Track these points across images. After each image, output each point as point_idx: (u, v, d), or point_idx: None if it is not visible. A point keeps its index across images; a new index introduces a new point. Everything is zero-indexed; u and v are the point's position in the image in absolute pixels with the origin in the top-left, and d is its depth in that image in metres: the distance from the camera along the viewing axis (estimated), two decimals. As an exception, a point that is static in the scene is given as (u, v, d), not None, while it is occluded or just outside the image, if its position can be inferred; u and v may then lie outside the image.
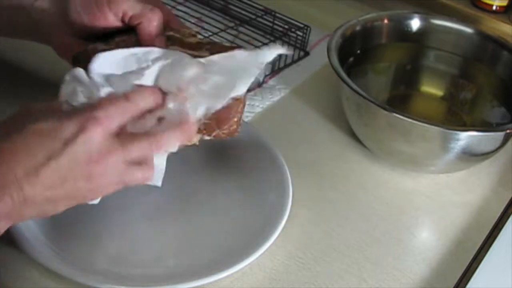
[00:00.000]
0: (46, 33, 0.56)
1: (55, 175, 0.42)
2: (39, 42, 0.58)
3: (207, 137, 0.51)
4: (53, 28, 0.55)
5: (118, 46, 0.52)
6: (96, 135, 0.43)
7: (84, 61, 0.50)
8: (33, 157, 0.41)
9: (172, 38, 0.53)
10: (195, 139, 0.51)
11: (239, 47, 0.52)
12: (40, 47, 0.59)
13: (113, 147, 0.43)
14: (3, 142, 0.42)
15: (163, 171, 0.50)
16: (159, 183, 0.50)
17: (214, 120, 0.50)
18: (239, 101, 0.50)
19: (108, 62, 0.48)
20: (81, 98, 0.46)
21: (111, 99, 0.45)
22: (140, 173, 0.46)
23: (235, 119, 0.51)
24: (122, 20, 0.53)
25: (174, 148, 0.47)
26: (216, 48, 0.52)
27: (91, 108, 0.44)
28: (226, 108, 0.49)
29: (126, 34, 0.53)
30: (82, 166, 0.42)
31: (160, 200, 0.59)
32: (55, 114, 0.44)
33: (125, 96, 0.45)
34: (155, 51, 0.49)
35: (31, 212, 0.43)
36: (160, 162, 0.49)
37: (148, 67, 0.48)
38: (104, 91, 0.47)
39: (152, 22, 0.52)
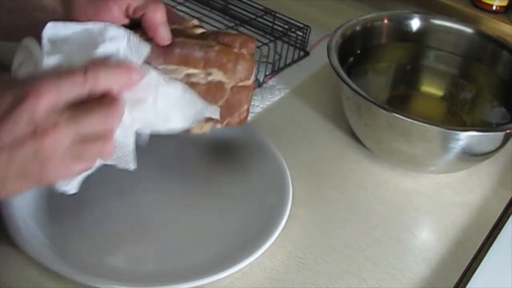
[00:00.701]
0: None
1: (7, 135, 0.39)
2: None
3: (219, 126, 0.52)
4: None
5: None
6: (38, 106, 0.40)
7: None
8: None
9: (176, 31, 0.52)
10: (206, 128, 0.51)
11: (245, 35, 0.53)
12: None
13: (61, 121, 0.41)
14: None
15: (132, 152, 0.47)
16: (131, 166, 0.47)
17: (225, 108, 0.50)
18: (248, 89, 0.51)
19: (62, 32, 0.46)
20: (29, 68, 0.44)
21: (64, 70, 0.42)
22: (96, 148, 0.42)
23: (245, 107, 0.52)
24: (127, 14, 0.53)
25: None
26: (221, 36, 0.52)
27: (37, 78, 0.41)
28: (237, 96, 0.50)
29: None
30: (26, 139, 0.40)
31: (160, 200, 0.59)
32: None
33: (84, 68, 0.42)
34: (111, 29, 0.47)
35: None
36: (126, 141, 0.46)
37: (103, 43, 0.46)
38: (52, 60, 0.44)
39: (156, 12, 0.51)
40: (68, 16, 0.53)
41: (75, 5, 0.53)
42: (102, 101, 0.43)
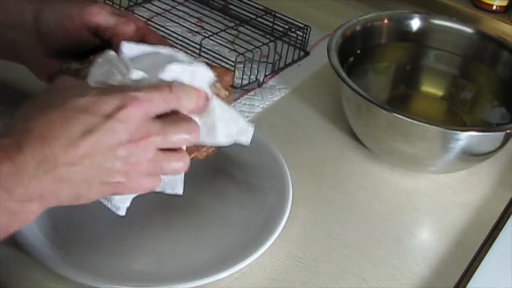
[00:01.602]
0: (20, 53, 0.55)
1: (92, 150, 0.40)
2: (13, 61, 0.57)
3: None
4: (27, 48, 0.55)
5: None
6: (137, 114, 0.42)
7: None
8: (70, 131, 0.40)
9: None
10: None
11: (222, 68, 0.52)
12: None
13: (153, 130, 0.42)
14: (40, 116, 0.40)
15: (182, 175, 0.49)
16: (179, 190, 0.49)
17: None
18: None
19: (135, 50, 0.48)
20: (118, 77, 0.45)
21: (153, 85, 0.44)
22: (176, 160, 0.45)
23: None
24: (96, 34, 0.53)
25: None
26: None
27: (132, 88, 0.43)
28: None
29: (102, 52, 0.51)
30: (121, 144, 0.41)
31: (160, 200, 0.59)
32: (93, 91, 0.43)
33: (168, 86, 0.44)
34: (179, 55, 0.49)
35: (65, 193, 0.41)
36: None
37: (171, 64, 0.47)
38: (138, 73, 0.45)
39: (126, 35, 0.51)
40: (38, 37, 0.53)
41: (43, 29, 0.53)
42: (184, 117, 0.45)
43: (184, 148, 0.47)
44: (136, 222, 0.57)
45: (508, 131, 0.62)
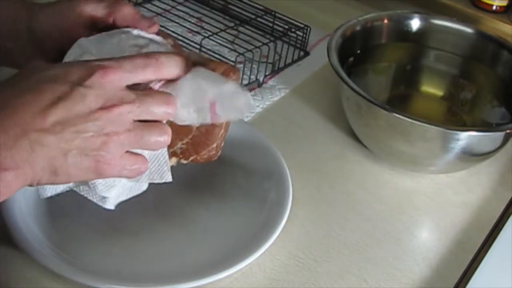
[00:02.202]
0: (18, 61, 0.55)
1: (62, 118, 0.40)
2: (12, 68, 0.57)
3: (184, 161, 0.50)
4: (25, 56, 0.54)
5: None
6: (107, 81, 0.41)
7: None
8: (39, 100, 0.40)
9: None
10: (171, 163, 0.49)
11: (227, 64, 0.49)
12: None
13: (127, 98, 0.42)
14: (8, 88, 0.40)
15: (167, 163, 0.47)
16: (167, 178, 0.47)
17: (191, 145, 0.49)
18: (219, 128, 0.49)
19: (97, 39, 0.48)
20: (90, 57, 0.45)
21: (126, 56, 0.44)
22: (157, 131, 0.43)
23: (214, 145, 0.50)
24: (91, 27, 0.53)
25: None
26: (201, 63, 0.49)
27: (103, 59, 0.43)
28: (204, 134, 0.48)
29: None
30: (92, 111, 0.40)
31: (160, 200, 0.59)
32: (61, 64, 0.43)
33: (144, 56, 0.44)
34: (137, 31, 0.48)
35: (40, 163, 0.40)
36: (159, 152, 0.47)
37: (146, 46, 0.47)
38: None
39: (124, 10, 0.51)
40: (34, 45, 0.53)
41: (38, 34, 0.53)
42: (159, 90, 0.44)
43: (165, 122, 0.45)
44: (135, 222, 0.57)
45: (508, 131, 0.62)
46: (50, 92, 0.40)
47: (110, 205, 0.48)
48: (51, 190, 0.47)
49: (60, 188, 0.47)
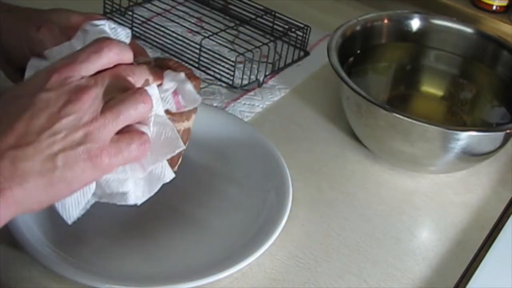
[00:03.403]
0: None
1: (33, 125, 0.39)
2: None
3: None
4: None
5: None
6: (66, 79, 0.41)
7: None
8: (6, 118, 0.40)
9: None
10: None
11: (184, 67, 0.50)
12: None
13: (91, 83, 0.41)
14: None
15: (166, 162, 0.47)
16: (167, 177, 0.47)
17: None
18: (189, 131, 0.49)
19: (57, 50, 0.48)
20: None
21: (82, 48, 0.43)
22: (134, 100, 0.42)
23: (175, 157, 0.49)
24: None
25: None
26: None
27: (56, 61, 0.42)
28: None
29: None
30: (61, 107, 0.40)
31: (160, 200, 0.59)
32: (21, 82, 0.43)
33: (96, 40, 0.43)
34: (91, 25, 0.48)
35: (29, 178, 0.39)
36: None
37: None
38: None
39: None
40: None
41: (3, 48, 0.53)
42: (131, 91, 0.43)
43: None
44: (136, 222, 0.57)
45: (508, 131, 0.62)
46: (14, 107, 0.40)
47: (133, 200, 0.46)
48: (73, 210, 0.44)
49: (82, 203, 0.45)
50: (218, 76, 0.79)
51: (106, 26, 0.48)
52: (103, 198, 0.46)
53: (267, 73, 0.80)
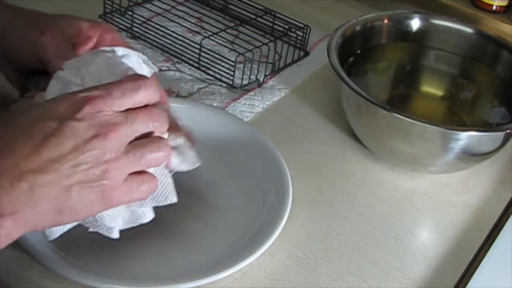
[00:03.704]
0: None
1: (56, 154, 0.39)
2: None
3: None
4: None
5: None
6: (98, 112, 0.40)
7: (33, 88, 0.51)
8: (31, 141, 0.39)
9: None
10: None
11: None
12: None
13: (119, 121, 0.41)
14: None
15: (172, 183, 0.49)
16: (172, 199, 0.49)
17: None
18: None
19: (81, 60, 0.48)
20: (76, 88, 0.45)
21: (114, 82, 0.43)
22: (155, 148, 0.43)
23: None
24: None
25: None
26: None
27: (88, 89, 0.42)
28: None
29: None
30: (86, 141, 0.40)
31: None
32: (48, 101, 0.43)
33: (132, 77, 0.43)
34: (120, 49, 0.49)
35: (43, 206, 0.39)
36: (163, 175, 0.48)
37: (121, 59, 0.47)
38: (93, 78, 0.45)
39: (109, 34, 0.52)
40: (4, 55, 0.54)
41: (6, 50, 0.53)
42: (156, 138, 0.44)
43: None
44: (136, 222, 0.57)
45: (508, 131, 0.62)
46: (40, 131, 0.39)
47: (116, 234, 0.48)
48: (58, 230, 0.46)
49: (68, 226, 0.46)
50: (218, 76, 0.79)
51: (134, 58, 0.47)
52: (88, 223, 0.47)
53: (267, 73, 0.80)
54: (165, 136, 0.46)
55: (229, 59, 0.79)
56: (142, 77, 0.44)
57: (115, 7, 0.88)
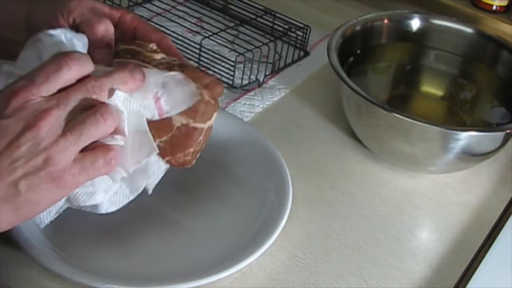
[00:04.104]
0: (15, 52, 0.55)
1: None
2: (8, 59, 0.57)
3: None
4: (21, 45, 0.55)
5: None
6: (25, 103, 0.40)
7: None
8: None
9: (134, 52, 0.50)
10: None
11: (213, 77, 0.49)
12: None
13: (50, 106, 0.40)
14: None
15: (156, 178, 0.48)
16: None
17: (169, 145, 0.48)
18: (199, 131, 0.48)
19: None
20: None
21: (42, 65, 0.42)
22: (93, 118, 0.42)
23: (191, 150, 0.49)
24: (76, 29, 0.52)
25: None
26: (186, 71, 0.48)
27: (14, 82, 0.42)
28: (184, 135, 0.47)
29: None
30: (19, 135, 0.40)
31: (160, 199, 0.59)
32: None
33: (55, 58, 0.42)
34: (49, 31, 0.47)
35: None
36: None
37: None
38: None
39: (94, 35, 0.50)
40: (31, 35, 0.53)
41: (33, 28, 0.52)
42: (92, 110, 0.42)
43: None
44: (135, 222, 0.57)
45: (508, 131, 0.62)
46: None
47: (105, 209, 0.47)
48: (46, 217, 0.46)
49: (54, 211, 0.46)
50: (218, 76, 0.79)
51: (62, 37, 0.47)
52: (75, 206, 0.46)
53: (267, 73, 0.80)
54: (121, 93, 0.44)
55: (229, 59, 0.79)
56: (63, 55, 0.42)
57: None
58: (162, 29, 0.84)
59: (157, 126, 0.47)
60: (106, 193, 0.46)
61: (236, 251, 0.54)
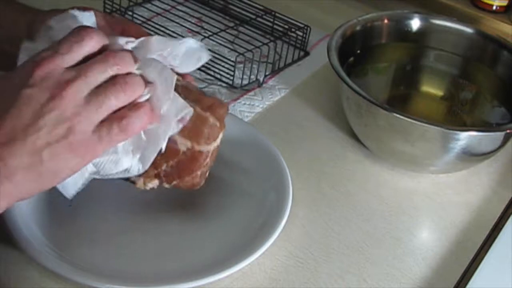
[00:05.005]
0: (15, 63, 0.56)
1: (18, 123, 0.40)
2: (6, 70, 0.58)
3: (166, 185, 0.49)
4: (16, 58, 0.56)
5: None
6: (48, 73, 0.41)
7: None
8: None
9: None
10: (152, 184, 0.49)
11: (215, 99, 0.50)
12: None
13: (71, 77, 0.41)
14: None
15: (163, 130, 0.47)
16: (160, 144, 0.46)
17: (176, 169, 0.48)
18: (205, 154, 0.48)
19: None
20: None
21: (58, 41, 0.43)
22: (116, 90, 0.43)
23: (199, 173, 0.49)
24: None
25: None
26: (188, 92, 0.48)
27: (38, 53, 0.42)
28: (189, 159, 0.48)
29: None
30: (43, 105, 0.41)
31: (160, 199, 0.59)
32: (3, 75, 0.44)
33: (77, 29, 0.43)
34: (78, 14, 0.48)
35: (17, 172, 0.40)
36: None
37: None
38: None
39: (132, 27, 0.51)
40: None
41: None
42: (112, 81, 0.43)
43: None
44: (136, 222, 0.57)
45: (508, 131, 0.62)
46: (0, 106, 0.41)
47: (138, 170, 0.47)
48: (71, 188, 0.46)
49: (79, 183, 0.46)
50: (218, 76, 0.79)
51: (71, 19, 0.47)
52: (104, 176, 0.46)
53: (267, 73, 0.80)
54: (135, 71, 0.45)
55: (229, 59, 0.79)
56: (84, 27, 0.44)
57: (115, 7, 0.88)
58: (162, 29, 0.84)
59: (163, 152, 0.47)
60: (134, 156, 0.46)
61: (236, 251, 0.54)
